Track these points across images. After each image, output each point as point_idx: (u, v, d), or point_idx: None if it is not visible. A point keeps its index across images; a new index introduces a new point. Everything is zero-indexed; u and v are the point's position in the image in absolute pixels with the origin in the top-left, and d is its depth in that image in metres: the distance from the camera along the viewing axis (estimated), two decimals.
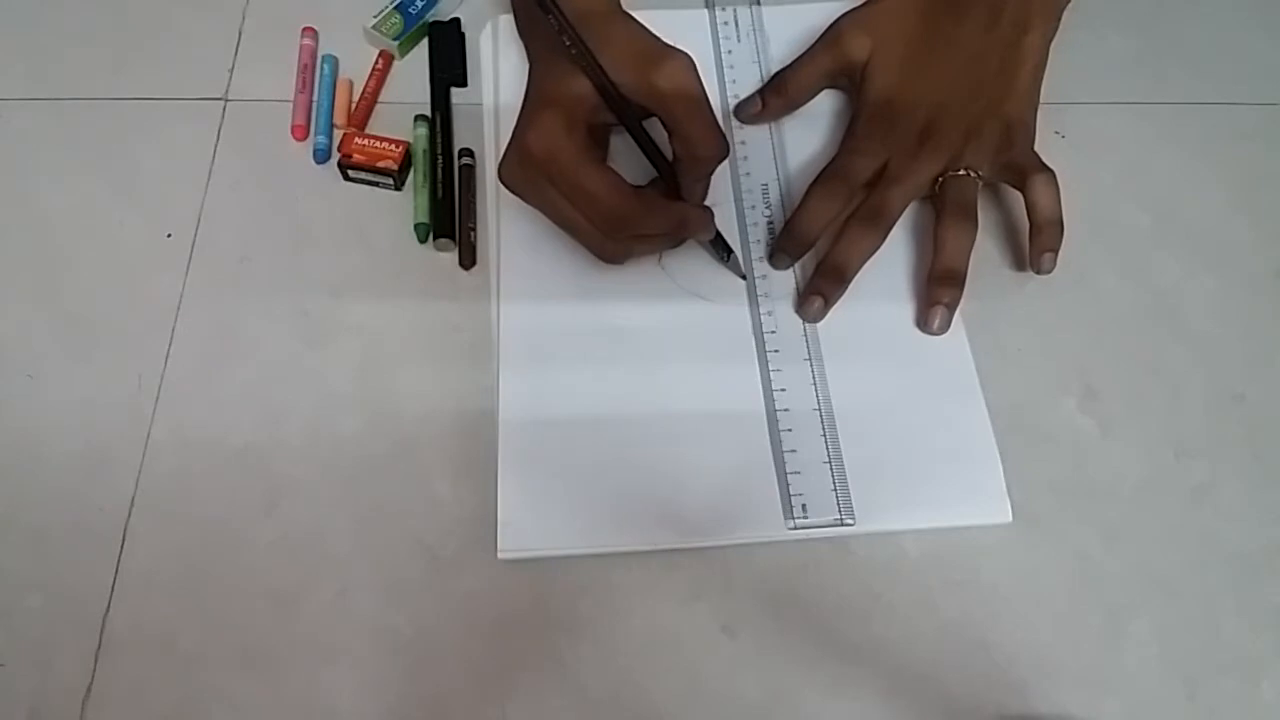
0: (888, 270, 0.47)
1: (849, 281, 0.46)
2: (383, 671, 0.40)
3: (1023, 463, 0.44)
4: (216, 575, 0.41)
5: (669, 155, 0.44)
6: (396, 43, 0.53)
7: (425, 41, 0.54)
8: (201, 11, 0.55)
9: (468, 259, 0.48)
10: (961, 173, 0.47)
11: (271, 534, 0.42)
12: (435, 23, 0.54)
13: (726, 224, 0.48)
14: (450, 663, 0.40)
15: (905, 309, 0.47)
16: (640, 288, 0.47)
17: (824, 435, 0.44)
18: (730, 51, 0.53)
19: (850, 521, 0.42)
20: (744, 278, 0.47)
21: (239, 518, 0.42)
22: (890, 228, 0.47)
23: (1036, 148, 0.48)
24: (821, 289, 0.46)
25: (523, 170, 0.43)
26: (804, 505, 0.42)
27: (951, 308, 0.46)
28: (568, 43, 0.41)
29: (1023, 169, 0.47)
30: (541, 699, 0.39)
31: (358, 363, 0.46)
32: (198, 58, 0.53)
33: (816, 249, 0.47)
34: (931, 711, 0.40)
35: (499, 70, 0.52)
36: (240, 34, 0.54)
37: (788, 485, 0.43)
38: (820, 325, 0.46)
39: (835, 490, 0.42)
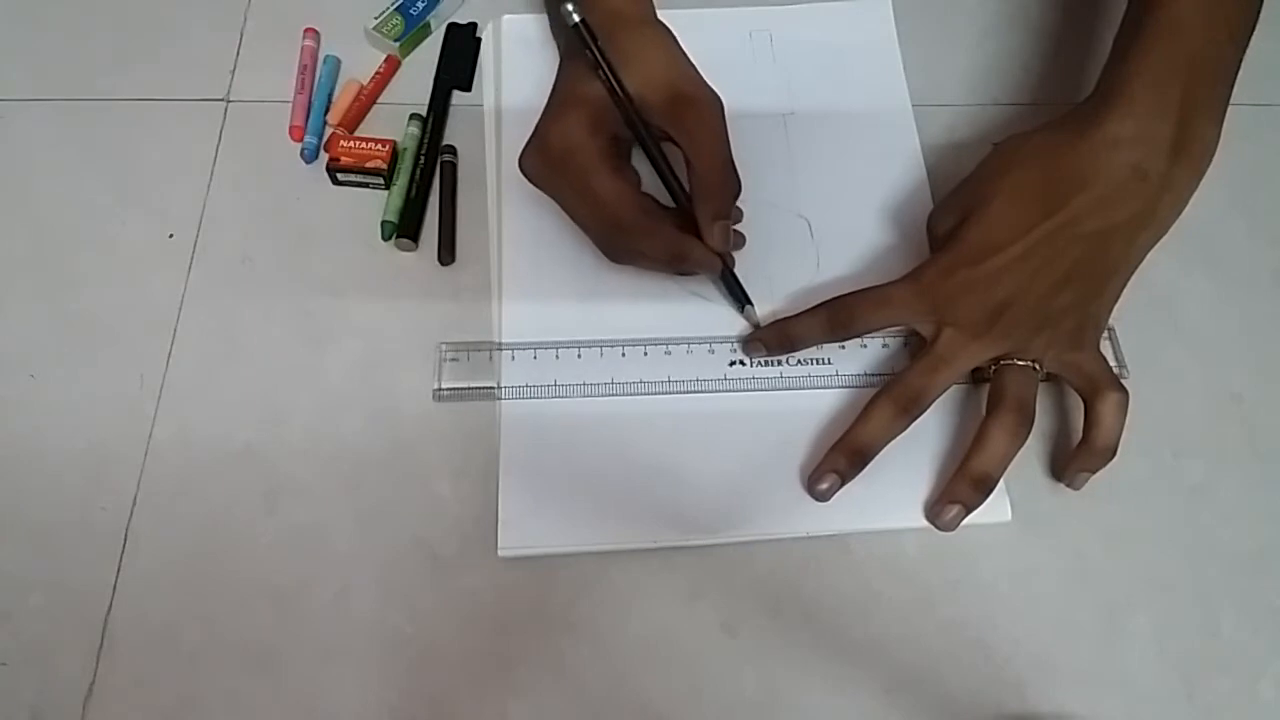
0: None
1: (870, 462, 0.42)
2: (383, 669, 0.40)
3: (1022, 461, 0.44)
4: (218, 574, 0.41)
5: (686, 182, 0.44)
6: (398, 44, 0.53)
7: (428, 43, 0.54)
8: (203, 12, 0.55)
9: (447, 255, 0.48)
10: (1023, 364, 0.42)
11: (273, 533, 0.42)
12: (453, 25, 0.55)
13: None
14: (451, 660, 0.40)
15: None
16: (641, 287, 0.47)
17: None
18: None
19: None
20: (758, 327, 0.46)
21: (240, 517, 0.42)
22: (924, 412, 0.42)
23: None
24: (840, 469, 0.42)
25: (541, 163, 0.44)
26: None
27: (970, 510, 0.41)
28: (601, 75, 0.42)
29: (1094, 379, 0.42)
30: (541, 696, 0.40)
31: (359, 362, 0.46)
32: (199, 59, 0.53)
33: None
34: (931, 710, 0.40)
35: (500, 72, 0.52)
36: (242, 35, 0.54)
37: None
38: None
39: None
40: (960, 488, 0.41)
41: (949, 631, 0.41)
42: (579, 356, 0.45)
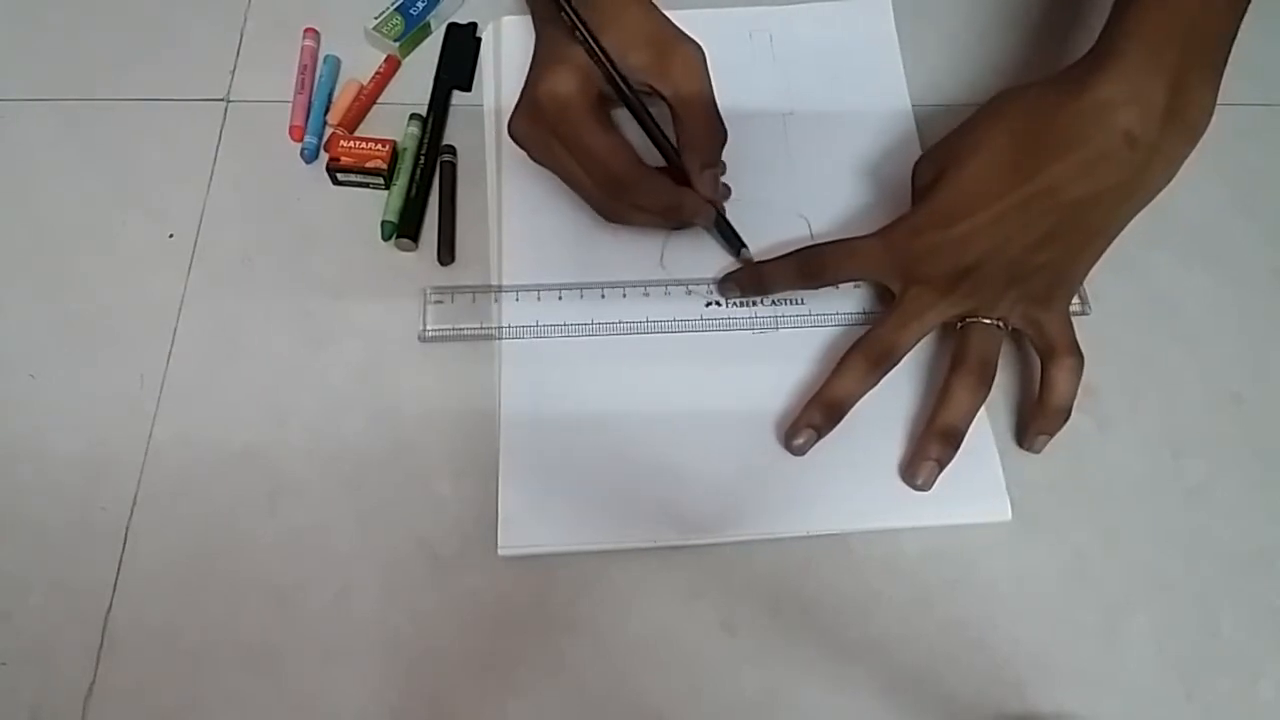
0: None
1: (845, 416, 0.43)
2: (384, 669, 0.40)
3: (1022, 461, 0.44)
4: (218, 574, 0.41)
5: (673, 138, 0.45)
6: (397, 44, 0.53)
7: (428, 43, 0.54)
8: (203, 12, 0.55)
9: (447, 255, 0.48)
10: (988, 322, 0.43)
11: (273, 533, 0.42)
12: (453, 25, 0.55)
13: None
14: (451, 660, 0.40)
15: None
16: (637, 281, 0.47)
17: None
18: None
19: None
20: None
21: (241, 517, 0.42)
22: (896, 365, 0.43)
23: None
24: (817, 423, 0.42)
25: (531, 124, 0.44)
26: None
27: (943, 465, 0.42)
28: (579, 36, 0.42)
29: (1052, 341, 0.43)
30: (541, 696, 0.40)
31: (359, 362, 0.46)
32: (200, 59, 0.53)
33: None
34: (930, 709, 0.40)
35: (500, 72, 0.52)
36: (242, 35, 0.54)
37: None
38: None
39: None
40: (930, 444, 0.42)
41: (949, 631, 0.41)
42: (560, 298, 0.46)
